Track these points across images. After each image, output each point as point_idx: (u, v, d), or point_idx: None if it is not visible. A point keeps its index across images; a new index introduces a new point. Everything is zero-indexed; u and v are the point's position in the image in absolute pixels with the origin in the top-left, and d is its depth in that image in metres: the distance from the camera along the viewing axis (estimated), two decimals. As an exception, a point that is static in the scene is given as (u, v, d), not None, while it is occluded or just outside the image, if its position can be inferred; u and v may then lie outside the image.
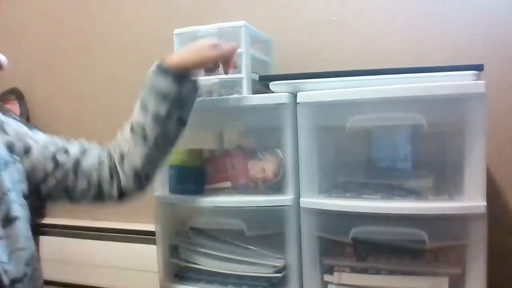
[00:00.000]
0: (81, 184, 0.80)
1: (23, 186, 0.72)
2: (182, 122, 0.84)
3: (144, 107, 0.81)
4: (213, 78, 0.96)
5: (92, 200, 0.82)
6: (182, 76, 0.81)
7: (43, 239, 1.55)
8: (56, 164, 0.78)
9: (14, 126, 0.77)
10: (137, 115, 0.82)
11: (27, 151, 0.75)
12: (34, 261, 0.71)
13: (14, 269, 0.66)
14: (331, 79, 0.86)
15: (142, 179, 0.83)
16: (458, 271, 0.80)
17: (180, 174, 0.99)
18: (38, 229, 1.56)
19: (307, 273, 0.89)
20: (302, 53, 1.16)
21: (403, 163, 0.96)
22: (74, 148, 0.81)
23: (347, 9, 1.20)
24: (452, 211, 0.78)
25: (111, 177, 0.82)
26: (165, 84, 0.80)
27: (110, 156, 0.83)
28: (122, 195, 0.83)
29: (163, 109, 0.80)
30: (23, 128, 0.78)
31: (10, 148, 0.73)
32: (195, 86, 0.85)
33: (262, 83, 0.97)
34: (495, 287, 0.83)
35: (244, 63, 0.94)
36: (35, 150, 0.76)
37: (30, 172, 0.76)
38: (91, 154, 0.82)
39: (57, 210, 1.63)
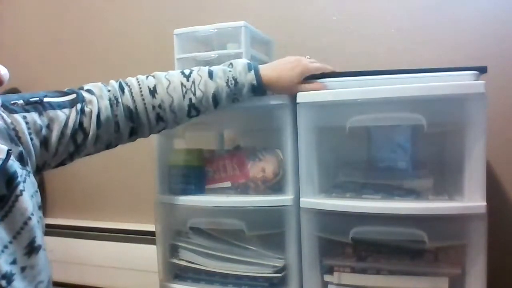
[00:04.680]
0: (100, 149, 0.81)
1: (38, 198, 0.67)
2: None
3: (215, 97, 0.84)
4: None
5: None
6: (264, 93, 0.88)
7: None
8: (77, 146, 0.75)
9: (31, 123, 0.68)
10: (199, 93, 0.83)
11: (45, 143, 0.70)
12: (50, 287, 0.68)
13: None
14: (331, 79, 0.86)
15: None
16: (458, 271, 0.80)
17: (180, 174, 0.99)
18: (38, 229, 1.56)
19: (307, 273, 0.88)
20: (302, 53, 1.15)
21: (403, 163, 0.96)
22: (88, 122, 0.76)
23: (347, 9, 1.20)
24: (452, 211, 0.78)
25: (130, 136, 0.83)
26: (248, 99, 0.87)
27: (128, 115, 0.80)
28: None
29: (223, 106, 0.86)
30: (37, 122, 0.68)
31: (21, 159, 0.64)
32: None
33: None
34: (495, 287, 0.83)
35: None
36: (53, 142, 0.71)
37: (51, 160, 0.72)
38: (109, 124, 0.78)
39: (57, 210, 1.64)
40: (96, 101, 0.77)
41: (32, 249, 0.63)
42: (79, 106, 0.74)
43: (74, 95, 0.76)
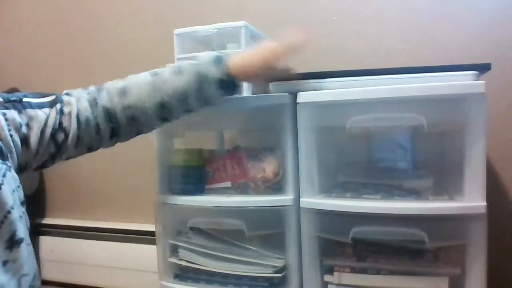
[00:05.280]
0: (81, 151, 0.80)
1: (20, 193, 0.68)
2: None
3: (183, 95, 0.81)
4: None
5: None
6: (234, 84, 0.84)
7: (43, 239, 1.55)
8: (58, 147, 0.75)
9: (11, 120, 0.69)
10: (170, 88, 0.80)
11: (25, 141, 0.70)
12: (36, 281, 0.69)
13: None
14: (331, 79, 0.86)
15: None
16: (458, 271, 0.80)
17: (180, 174, 0.99)
18: (38, 229, 1.56)
19: (307, 273, 0.89)
20: (302, 53, 1.16)
21: (403, 163, 0.96)
22: (68, 122, 0.76)
23: (347, 9, 1.20)
24: (452, 211, 0.78)
25: (111, 138, 0.81)
26: (215, 91, 0.82)
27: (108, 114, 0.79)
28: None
29: (192, 106, 0.83)
30: (16, 120, 0.69)
31: (1, 154, 0.65)
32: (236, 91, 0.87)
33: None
34: (495, 287, 0.83)
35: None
36: (33, 140, 0.71)
37: (32, 160, 0.72)
38: (89, 125, 0.77)
39: (57, 210, 1.64)
40: (75, 101, 0.77)
41: (13, 242, 0.64)
42: (58, 106, 0.75)
43: (53, 97, 0.77)
